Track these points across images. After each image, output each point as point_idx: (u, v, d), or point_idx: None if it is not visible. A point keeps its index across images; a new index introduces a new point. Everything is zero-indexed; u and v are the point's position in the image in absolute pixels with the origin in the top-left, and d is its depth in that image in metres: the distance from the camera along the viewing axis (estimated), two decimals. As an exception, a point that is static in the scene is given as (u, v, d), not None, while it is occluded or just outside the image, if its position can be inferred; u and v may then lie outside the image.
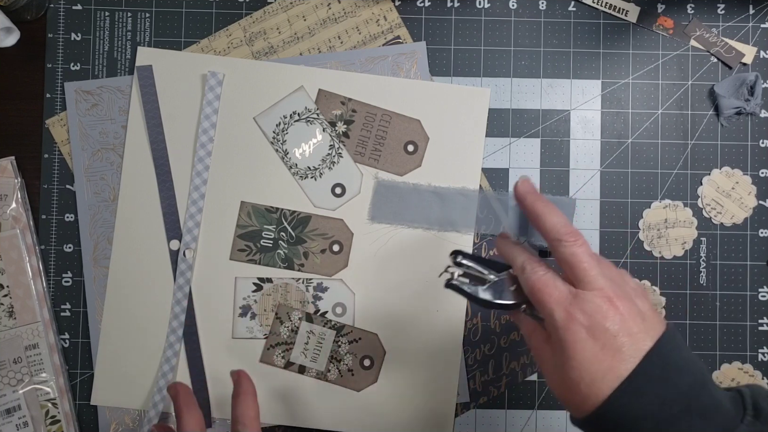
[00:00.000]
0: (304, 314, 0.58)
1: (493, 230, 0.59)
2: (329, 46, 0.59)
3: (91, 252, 0.58)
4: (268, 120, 0.58)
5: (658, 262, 0.59)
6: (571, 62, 0.60)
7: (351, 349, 0.58)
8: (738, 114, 0.59)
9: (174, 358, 0.57)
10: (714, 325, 0.59)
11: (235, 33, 0.59)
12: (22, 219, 0.58)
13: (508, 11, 0.60)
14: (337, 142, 0.58)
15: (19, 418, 0.56)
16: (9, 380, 0.56)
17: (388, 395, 0.57)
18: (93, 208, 0.58)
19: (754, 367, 0.59)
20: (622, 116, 0.60)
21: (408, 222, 0.58)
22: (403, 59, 0.59)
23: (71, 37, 0.59)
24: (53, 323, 0.58)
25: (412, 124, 0.58)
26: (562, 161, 0.59)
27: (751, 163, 0.59)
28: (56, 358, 0.57)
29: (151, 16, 0.60)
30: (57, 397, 0.57)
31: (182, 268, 0.57)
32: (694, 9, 0.60)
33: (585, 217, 0.59)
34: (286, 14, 0.59)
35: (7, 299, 0.57)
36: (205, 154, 0.58)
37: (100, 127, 0.59)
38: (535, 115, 0.60)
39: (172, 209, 0.58)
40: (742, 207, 0.59)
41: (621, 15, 0.60)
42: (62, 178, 0.59)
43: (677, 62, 0.60)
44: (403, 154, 0.58)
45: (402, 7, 0.60)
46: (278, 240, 0.58)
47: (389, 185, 0.59)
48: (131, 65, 0.59)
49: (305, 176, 0.58)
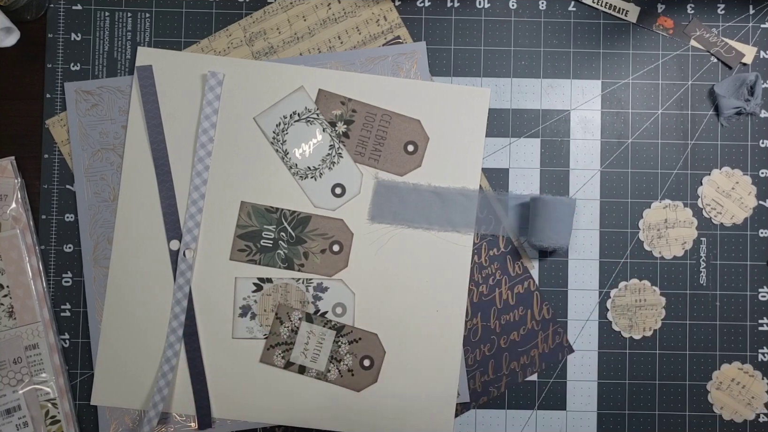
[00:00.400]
0: (304, 314, 0.58)
1: (493, 230, 0.59)
2: (329, 46, 0.59)
3: (91, 252, 0.58)
4: (268, 120, 0.58)
5: (658, 262, 0.59)
6: (571, 62, 0.60)
7: (351, 349, 0.58)
8: (738, 114, 0.59)
9: (174, 358, 0.57)
10: (714, 325, 0.59)
11: (235, 33, 0.59)
12: (22, 219, 0.58)
13: (508, 11, 0.60)
14: (337, 142, 0.58)
15: (19, 418, 0.56)
16: (9, 380, 0.56)
17: (388, 395, 0.57)
18: (93, 208, 0.58)
19: (754, 367, 0.59)
20: (622, 116, 0.60)
21: (408, 222, 0.58)
22: (403, 59, 0.59)
23: (71, 37, 0.59)
24: (53, 323, 0.58)
25: (412, 124, 0.58)
26: (562, 161, 0.59)
27: (751, 163, 0.59)
28: (56, 358, 0.57)
29: (151, 16, 0.60)
30: (57, 397, 0.57)
31: (182, 268, 0.57)
32: (694, 9, 0.60)
33: (585, 217, 0.59)
34: (286, 14, 0.60)
35: (7, 299, 0.57)
36: (205, 154, 0.58)
37: (100, 127, 0.59)
38: (535, 115, 0.60)
39: (172, 209, 0.58)
40: (742, 207, 0.59)
41: (621, 15, 0.60)
42: (62, 178, 0.59)
43: (677, 62, 0.60)
44: (403, 154, 0.58)
45: (402, 7, 0.60)
46: (278, 240, 0.58)
47: (389, 185, 0.59)
48: (131, 65, 0.59)
49: (305, 176, 0.58)
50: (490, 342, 0.58)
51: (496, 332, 0.58)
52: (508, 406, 0.58)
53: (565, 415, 0.58)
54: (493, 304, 0.58)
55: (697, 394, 0.59)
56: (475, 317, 0.58)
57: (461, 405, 0.58)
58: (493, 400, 0.58)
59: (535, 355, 0.58)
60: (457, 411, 0.58)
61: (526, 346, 0.58)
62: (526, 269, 0.59)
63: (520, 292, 0.59)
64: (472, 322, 0.58)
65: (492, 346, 0.58)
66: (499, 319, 0.58)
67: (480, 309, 0.58)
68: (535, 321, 0.58)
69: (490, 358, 0.58)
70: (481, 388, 0.58)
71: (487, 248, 0.59)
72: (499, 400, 0.58)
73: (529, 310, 0.59)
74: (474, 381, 0.58)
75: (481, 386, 0.58)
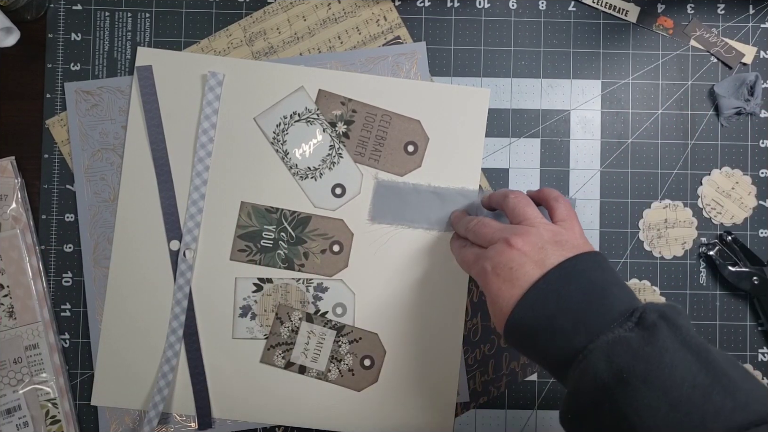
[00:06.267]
0: (304, 314, 0.58)
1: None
2: (329, 46, 0.59)
3: (91, 252, 0.58)
4: (268, 120, 0.58)
5: (658, 262, 0.59)
6: (571, 62, 0.60)
7: (351, 349, 0.58)
8: (738, 114, 0.59)
9: (174, 358, 0.57)
10: (714, 325, 0.59)
11: (235, 33, 0.59)
12: (22, 219, 0.58)
13: (508, 11, 0.60)
14: (338, 143, 0.58)
15: (19, 418, 0.56)
16: (9, 380, 0.56)
17: (388, 395, 0.57)
18: (93, 208, 0.58)
19: (754, 367, 0.59)
20: (622, 116, 0.60)
21: (408, 222, 0.58)
22: (403, 59, 0.59)
23: (71, 37, 0.59)
24: (53, 323, 0.58)
25: (412, 124, 0.58)
26: (562, 161, 0.59)
27: (751, 163, 0.59)
28: (56, 358, 0.57)
29: (151, 16, 0.60)
30: (57, 397, 0.57)
31: (182, 268, 0.57)
32: (694, 9, 0.60)
33: (585, 217, 0.59)
34: (286, 14, 0.59)
35: (7, 299, 0.57)
36: (205, 154, 0.58)
37: (100, 127, 0.59)
38: (535, 115, 0.60)
39: (172, 209, 0.58)
40: (742, 207, 0.59)
41: (621, 15, 0.60)
42: (62, 178, 0.59)
43: (677, 62, 0.60)
44: (403, 155, 0.58)
45: (402, 7, 0.60)
46: (278, 240, 0.58)
47: (389, 185, 0.59)
48: (131, 65, 0.59)
49: (305, 176, 0.58)
50: (490, 342, 0.58)
51: (496, 332, 0.58)
52: (508, 406, 0.59)
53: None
54: (493, 304, 0.58)
55: (697, 394, 0.59)
56: (475, 317, 0.58)
57: (461, 405, 0.58)
58: (493, 400, 0.58)
59: (535, 355, 0.58)
60: (457, 411, 0.58)
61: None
62: (526, 269, 0.59)
63: (520, 292, 0.59)
64: (472, 322, 0.58)
65: (492, 346, 0.58)
66: (499, 319, 0.58)
67: (480, 309, 0.58)
68: (535, 321, 0.58)
69: (490, 358, 0.58)
70: (481, 388, 0.58)
71: (487, 248, 0.59)
72: (499, 400, 0.59)
73: (529, 310, 0.58)
74: (474, 381, 0.58)
75: (481, 386, 0.58)
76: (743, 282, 0.57)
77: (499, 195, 0.52)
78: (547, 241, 0.45)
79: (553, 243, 0.45)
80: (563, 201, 0.50)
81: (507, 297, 0.44)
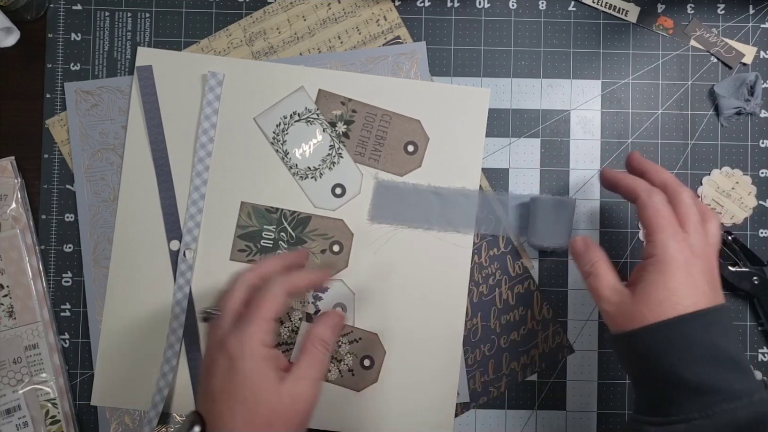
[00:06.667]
0: (304, 314, 0.58)
1: (493, 230, 0.59)
2: (329, 46, 0.59)
3: (91, 252, 0.58)
4: (268, 120, 0.58)
5: (658, 262, 0.59)
6: (571, 62, 0.60)
7: (351, 349, 0.58)
8: (738, 114, 0.59)
9: (174, 358, 0.57)
10: (714, 325, 0.59)
11: (235, 33, 0.59)
12: (22, 219, 0.58)
13: (508, 11, 0.60)
14: (337, 143, 0.58)
15: (19, 418, 0.56)
16: (9, 380, 0.56)
17: (388, 395, 0.57)
18: (93, 208, 0.58)
19: (754, 367, 0.59)
20: (622, 116, 0.60)
21: (408, 222, 0.58)
22: (403, 59, 0.59)
23: (71, 37, 0.59)
24: (53, 323, 0.58)
25: (412, 124, 0.58)
26: (562, 161, 0.59)
27: (751, 163, 0.59)
28: (56, 358, 0.57)
29: (151, 16, 0.60)
30: (57, 397, 0.57)
31: (182, 268, 0.57)
32: (694, 9, 0.60)
33: (585, 217, 0.59)
34: (286, 14, 0.59)
35: (7, 299, 0.57)
36: (205, 154, 0.58)
37: (100, 127, 0.59)
38: (535, 115, 0.60)
39: (172, 209, 0.58)
40: (742, 207, 0.59)
41: (621, 15, 0.60)
42: (62, 178, 0.59)
43: (677, 62, 0.60)
44: (403, 155, 0.58)
45: (402, 7, 0.60)
46: (278, 240, 0.58)
47: (389, 185, 0.59)
48: (131, 65, 0.59)
49: (305, 176, 0.58)
50: (490, 342, 0.58)
51: (496, 332, 0.58)
52: (508, 406, 0.59)
53: (565, 415, 0.58)
54: (493, 304, 0.58)
55: (697, 394, 0.59)
56: (475, 317, 0.58)
57: (461, 405, 0.58)
58: (493, 400, 0.58)
59: (535, 355, 0.58)
60: (457, 411, 0.58)
61: (526, 346, 0.58)
62: (526, 269, 0.59)
63: (520, 292, 0.59)
64: (472, 322, 0.58)
65: (492, 346, 0.58)
66: (499, 319, 0.58)
67: (480, 309, 0.58)
68: (535, 321, 0.58)
69: (490, 358, 0.58)
70: (481, 388, 0.58)
71: (487, 248, 0.59)
72: (499, 400, 0.58)
73: (529, 310, 0.59)
74: (474, 381, 0.58)
75: (481, 386, 0.58)
76: (743, 282, 0.57)
77: (671, 183, 0.47)
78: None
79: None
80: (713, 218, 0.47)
81: (692, 295, 0.41)
